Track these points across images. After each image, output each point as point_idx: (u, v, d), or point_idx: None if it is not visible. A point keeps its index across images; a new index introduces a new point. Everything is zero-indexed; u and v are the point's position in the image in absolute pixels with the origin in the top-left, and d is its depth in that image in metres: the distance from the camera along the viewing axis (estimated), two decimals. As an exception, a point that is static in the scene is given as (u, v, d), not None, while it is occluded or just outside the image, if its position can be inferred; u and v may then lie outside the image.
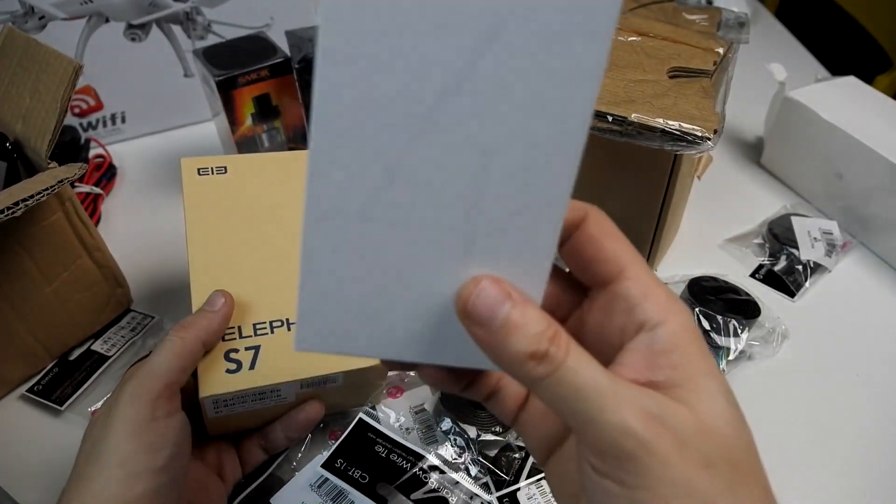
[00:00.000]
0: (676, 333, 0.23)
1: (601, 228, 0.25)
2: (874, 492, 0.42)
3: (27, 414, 0.47)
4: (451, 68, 0.22)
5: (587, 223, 0.25)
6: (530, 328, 0.22)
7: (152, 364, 0.35)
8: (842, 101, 0.61)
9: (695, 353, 0.23)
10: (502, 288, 0.23)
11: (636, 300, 0.24)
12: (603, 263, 0.25)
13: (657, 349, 0.23)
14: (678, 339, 0.23)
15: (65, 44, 0.68)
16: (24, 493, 0.42)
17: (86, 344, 0.51)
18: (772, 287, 0.56)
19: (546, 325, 0.22)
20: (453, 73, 0.22)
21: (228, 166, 0.47)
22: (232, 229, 0.44)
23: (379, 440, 0.42)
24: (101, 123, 0.74)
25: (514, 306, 0.22)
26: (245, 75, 0.59)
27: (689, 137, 0.42)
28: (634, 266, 0.24)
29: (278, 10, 0.74)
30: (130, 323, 0.53)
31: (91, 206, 0.65)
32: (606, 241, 0.25)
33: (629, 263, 0.24)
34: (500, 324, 0.22)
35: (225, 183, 0.46)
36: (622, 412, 0.21)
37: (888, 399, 0.48)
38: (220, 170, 0.47)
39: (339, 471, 0.40)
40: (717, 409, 0.22)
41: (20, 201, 0.38)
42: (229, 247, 0.43)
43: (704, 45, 0.48)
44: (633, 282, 0.24)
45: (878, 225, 0.58)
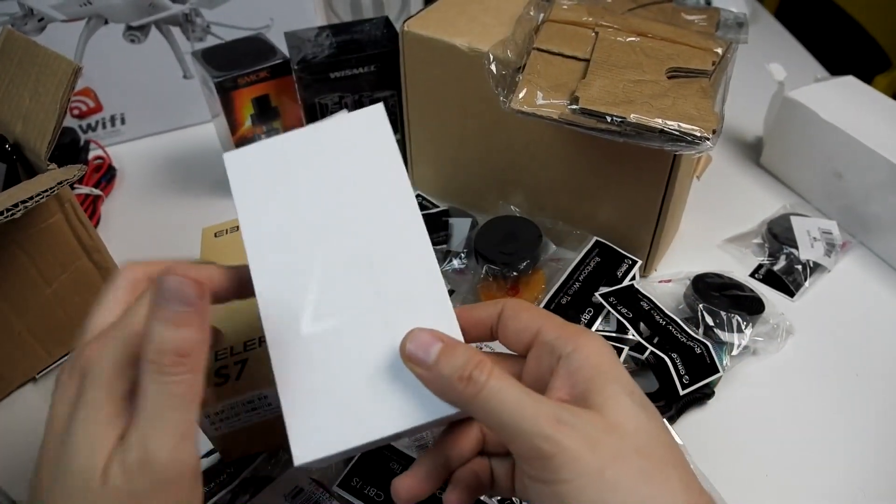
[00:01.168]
0: (586, 355, 0.28)
1: (514, 310, 0.31)
2: (874, 491, 0.42)
3: (27, 414, 0.47)
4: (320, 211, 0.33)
5: (504, 312, 0.31)
6: (457, 358, 0.27)
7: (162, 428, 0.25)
8: (841, 101, 0.61)
9: (605, 366, 0.28)
10: (432, 334, 0.29)
11: (552, 340, 0.29)
12: (524, 331, 0.31)
13: (573, 370, 0.28)
14: (588, 359, 0.28)
15: (64, 45, 0.68)
16: (25, 494, 0.42)
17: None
18: (771, 287, 0.56)
19: (470, 355, 0.27)
20: (322, 213, 0.33)
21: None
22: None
23: (394, 458, 0.42)
24: (100, 125, 0.74)
25: (445, 345, 0.28)
26: (244, 76, 0.59)
27: (688, 138, 0.42)
28: (547, 320, 0.30)
29: (277, 11, 0.74)
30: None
31: (90, 208, 0.65)
32: (521, 315, 0.31)
33: (543, 320, 0.30)
34: (433, 360, 0.28)
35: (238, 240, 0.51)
36: (537, 421, 0.25)
37: (888, 399, 0.48)
38: (234, 229, 0.51)
39: (355, 490, 0.40)
40: (623, 409, 0.27)
41: (20, 203, 0.38)
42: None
43: (703, 45, 0.48)
44: (548, 329, 0.30)
45: (878, 225, 0.58)
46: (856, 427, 0.46)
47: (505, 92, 0.47)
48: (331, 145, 0.34)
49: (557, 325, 0.30)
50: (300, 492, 0.40)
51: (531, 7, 0.53)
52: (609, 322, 0.50)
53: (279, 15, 0.74)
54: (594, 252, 0.53)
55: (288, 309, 0.31)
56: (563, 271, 0.52)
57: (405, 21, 0.54)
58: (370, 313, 0.31)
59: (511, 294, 0.52)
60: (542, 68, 0.47)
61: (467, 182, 0.61)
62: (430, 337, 0.28)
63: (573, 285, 0.51)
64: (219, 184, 0.69)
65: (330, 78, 0.59)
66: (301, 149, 0.34)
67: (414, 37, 0.54)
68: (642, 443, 0.26)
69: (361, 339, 0.31)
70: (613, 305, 0.49)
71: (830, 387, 0.49)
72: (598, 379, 0.27)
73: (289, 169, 0.34)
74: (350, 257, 0.32)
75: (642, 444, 0.26)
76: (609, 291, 0.50)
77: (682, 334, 0.48)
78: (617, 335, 0.49)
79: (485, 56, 0.48)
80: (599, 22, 0.50)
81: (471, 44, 0.51)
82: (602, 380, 0.27)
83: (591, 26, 0.50)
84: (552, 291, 0.51)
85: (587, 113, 0.44)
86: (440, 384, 0.28)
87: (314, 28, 0.63)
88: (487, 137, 0.56)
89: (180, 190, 0.69)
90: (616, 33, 0.49)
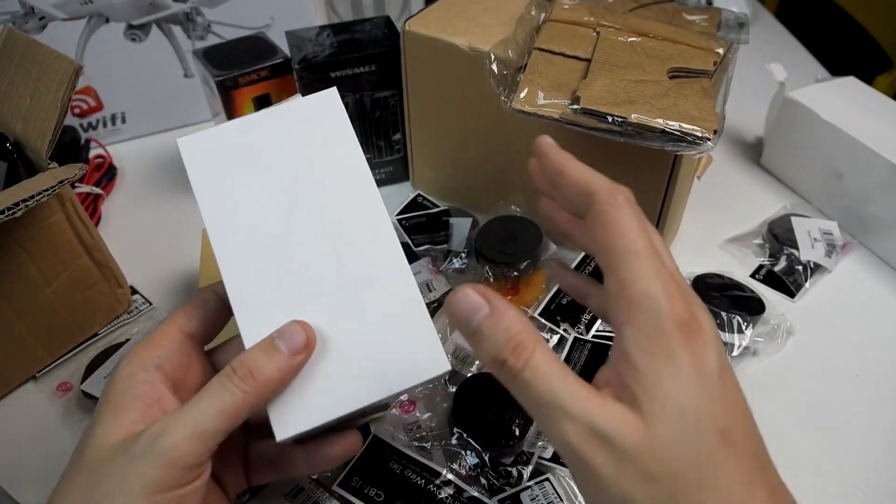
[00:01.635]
0: (640, 334, 0.24)
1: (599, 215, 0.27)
2: (874, 491, 0.42)
3: (27, 414, 0.47)
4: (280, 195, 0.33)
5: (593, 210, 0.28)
6: (496, 337, 0.25)
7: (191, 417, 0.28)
8: (842, 102, 0.61)
9: (659, 354, 0.23)
10: (482, 295, 0.26)
11: (612, 299, 0.25)
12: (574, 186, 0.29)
13: (624, 351, 0.24)
14: (641, 340, 0.24)
15: (65, 44, 0.68)
16: (24, 493, 0.42)
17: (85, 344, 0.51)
18: (772, 287, 0.56)
19: (511, 335, 0.25)
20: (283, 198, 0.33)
21: None
22: None
23: (394, 457, 0.42)
24: (101, 124, 0.74)
25: (489, 315, 0.25)
26: (245, 76, 0.59)
27: (689, 138, 0.42)
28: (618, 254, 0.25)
29: (278, 10, 0.74)
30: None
31: (91, 207, 0.65)
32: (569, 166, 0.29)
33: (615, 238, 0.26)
34: (474, 329, 0.26)
35: None
36: (565, 430, 0.23)
37: (888, 399, 0.48)
38: None
39: (355, 489, 0.40)
40: (669, 419, 0.23)
41: (20, 202, 0.38)
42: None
43: (704, 45, 0.48)
44: (613, 276, 0.25)
45: (878, 225, 0.58)
46: (856, 427, 0.46)
47: (506, 92, 0.47)
48: (287, 129, 0.34)
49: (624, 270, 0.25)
50: (300, 491, 0.40)
51: (532, 6, 0.53)
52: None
53: (280, 14, 0.74)
54: (595, 252, 0.53)
55: (258, 294, 0.32)
56: (564, 271, 0.52)
57: (406, 20, 0.54)
58: (336, 291, 0.32)
59: (511, 294, 0.52)
60: (544, 68, 0.47)
61: (468, 182, 0.61)
62: (476, 300, 0.26)
63: (574, 285, 0.51)
64: (219, 183, 0.69)
65: (330, 77, 0.59)
66: (257, 133, 0.34)
67: (415, 36, 0.54)
68: (681, 465, 0.22)
69: (332, 316, 0.32)
70: (614, 305, 0.49)
71: (831, 387, 0.49)
72: (648, 373, 0.23)
73: (246, 154, 0.34)
74: (314, 237, 0.33)
75: (681, 466, 0.22)
76: (609, 291, 0.50)
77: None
78: (617, 335, 0.49)
79: (486, 56, 0.48)
80: (601, 22, 0.50)
81: (472, 43, 0.51)
82: (654, 375, 0.23)
83: (593, 26, 0.50)
84: (552, 292, 0.51)
85: (588, 113, 0.44)
86: (478, 354, 0.26)
87: (315, 27, 0.63)
88: (488, 137, 0.56)
89: (181, 189, 0.69)
90: (617, 33, 0.49)
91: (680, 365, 0.23)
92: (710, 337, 0.24)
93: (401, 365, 0.31)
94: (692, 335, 0.24)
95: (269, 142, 0.34)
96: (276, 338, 0.30)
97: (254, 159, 0.34)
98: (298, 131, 0.35)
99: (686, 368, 0.23)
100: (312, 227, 0.33)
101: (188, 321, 0.33)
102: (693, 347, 0.24)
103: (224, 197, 0.33)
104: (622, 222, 0.26)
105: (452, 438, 0.42)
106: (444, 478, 0.40)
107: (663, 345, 0.23)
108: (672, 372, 0.23)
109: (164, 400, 0.30)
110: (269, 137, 0.34)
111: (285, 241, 0.33)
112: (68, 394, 0.48)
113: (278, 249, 0.33)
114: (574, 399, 0.23)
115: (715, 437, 0.23)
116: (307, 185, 0.34)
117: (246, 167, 0.34)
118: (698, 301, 0.25)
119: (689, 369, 0.23)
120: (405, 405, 0.45)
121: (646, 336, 0.24)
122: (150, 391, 0.30)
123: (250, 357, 0.30)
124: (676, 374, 0.23)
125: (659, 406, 0.23)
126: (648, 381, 0.23)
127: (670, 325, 0.24)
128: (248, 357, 0.30)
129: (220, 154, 0.34)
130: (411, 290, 0.32)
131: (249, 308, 0.32)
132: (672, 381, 0.23)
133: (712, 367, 0.24)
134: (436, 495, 0.40)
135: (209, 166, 0.34)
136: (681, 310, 0.24)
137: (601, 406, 0.23)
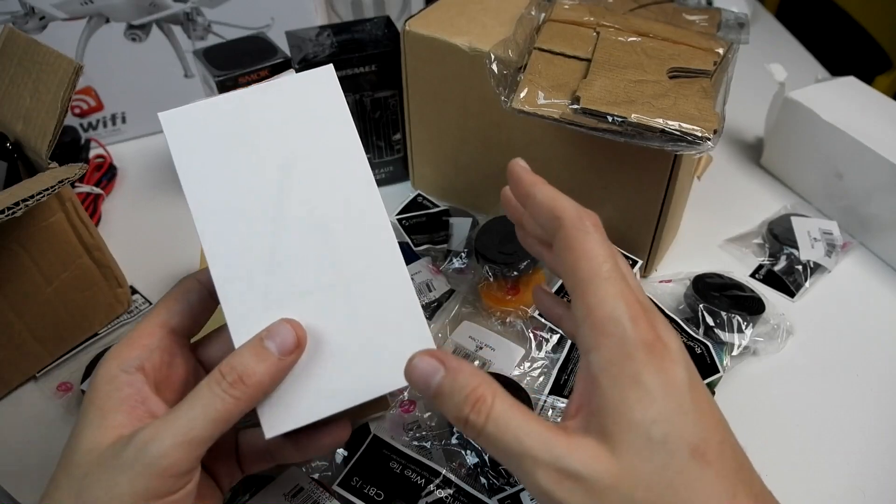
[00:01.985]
0: (606, 360, 0.24)
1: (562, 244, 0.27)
2: (874, 491, 0.42)
3: (27, 414, 0.47)
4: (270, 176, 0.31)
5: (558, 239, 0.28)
6: (455, 397, 0.25)
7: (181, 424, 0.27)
8: (842, 102, 0.61)
9: (625, 379, 0.23)
10: (435, 357, 0.26)
11: (579, 323, 0.25)
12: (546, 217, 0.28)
13: (592, 376, 0.24)
14: (607, 366, 0.24)
15: (65, 44, 0.68)
16: (24, 493, 0.42)
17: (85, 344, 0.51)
18: (772, 287, 0.56)
19: (468, 391, 0.25)
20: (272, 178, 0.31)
21: None
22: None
23: (394, 456, 0.42)
24: (101, 124, 0.74)
25: (445, 375, 0.26)
26: (245, 76, 0.59)
27: (689, 138, 0.42)
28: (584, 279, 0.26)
29: (278, 10, 0.74)
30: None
31: (91, 207, 0.65)
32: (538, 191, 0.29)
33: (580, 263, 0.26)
34: (434, 393, 0.26)
35: None
36: (537, 476, 0.23)
37: (888, 399, 0.48)
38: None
39: (355, 489, 0.40)
40: (639, 447, 0.23)
41: (20, 201, 0.38)
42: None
43: (704, 45, 0.48)
44: (579, 301, 0.26)
45: (878, 225, 0.58)
46: (856, 427, 0.46)
47: (506, 91, 0.47)
48: (279, 107, 0.32)
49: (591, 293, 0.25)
50: (300, 491, 0.40)
51: (532, 6, 0.53)
52: (609, 322, 0.50)
53: (280, 14, 0.74)
54: (595, 252, 0.53)
55: (245, 284, 0.30)
56: (564, 271, 0.52)
57: (406, 20, 0.54)
58: (328, 284, 0.30)
59: (511, 294, 0.52)
60: (544, 68, 0.47)
61: (468, 182, 0.61)
62: (429, 364, 0.26)
63: (574, 285, 0.51)
64: (219, 183, 0.69)
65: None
66: (246, 110, 0.32)
67: (415, 36, 0.54)
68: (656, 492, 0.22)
69: (321, 310, 0.30)
70: (614, 305, 0.49)
71: (831, 387, 0.49)
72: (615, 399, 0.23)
73: (234, 131, 0.32)
74: (304, 226, 0.31)
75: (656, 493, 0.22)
76: (609, 291, 0.50)
77: (683, 334, 0.48)
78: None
79: (486, 56, 0.48)
80: (601, 22, 0.50)
81: (472, 43, 0.51)
82: (621, 402, 0.23)
83: (593, 26, 0.50)
84: (552, 291, 0.51)
85: (588, 113, 0.44)
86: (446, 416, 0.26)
87: (315, 27, 0.63)
88: (488, 137, 0.56)
89: (181, 189, 0.69)
90: (617, 33, 0.49)
91: (647, 387, 0.23)
92: (676, 353, 0.25)
93: (391, 365, 0.30)
94: (657, 355, 0.24)
95: (260, 120, 0.32)
96: (265, 338, 0.29)
97: (242, 138, 0.31)
98: (291, 110, 0.32)
99: (653, 390, 0.23)
100: (303, 216, 0.31)
101: (170, 316, 0.32)
102: (659, 366, 0.24)
103: (209, 178, 0.31)
104: (587, 247, 0.26)
105: (452, 438, 0.43)
106: (443, 477, 0.40)
107: (629, 369, 0.24)
108: (639, 396, 0.23)
109: (148, 401, 0.30)
110: (259, 115, 0.32)
111: (274, 228, 0.31)
112: (68, 393, 0.48)
113: (267, 237, 0.31)
114: (540, 443, 0.24)
115: (686, 456, 0.23)
116: (299, 169, 0.31)
117: (233, 146, 0.31)
118: (663, 320, 0.26)
119: (656, 390, 0.23)
120: (405, 405, 0.45)
121: (611, 361, 0.24)
122: (134, 393, 0.29)
123: (240, 360, 0.29)
124: (643, 398, 0.23)
125: (628, 433, 0.23)
126: (616, 408, 0.23)
127: (635, 347, 0.24)
128: (238, 360, 0.29)
129: (205, 131, 0.32)
130: (406, 287, 0.31)
131: (237, 299, 0.30)
132: (639, 405, 0.23)
133: (680, 383, 0.24)
134: (436, 495, 0.40)
135: (194, 143, 0.31)
136: (644, 330, 0.24)
137: (569, 445, 0.23)
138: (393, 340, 0.31)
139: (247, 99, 0.32)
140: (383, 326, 0.31)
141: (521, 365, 0.48)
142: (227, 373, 0.28)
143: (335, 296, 0.30)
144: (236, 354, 0.29)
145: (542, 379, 0.47)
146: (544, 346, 0.49)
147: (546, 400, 0.45)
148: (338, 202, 0.31)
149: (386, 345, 0.31)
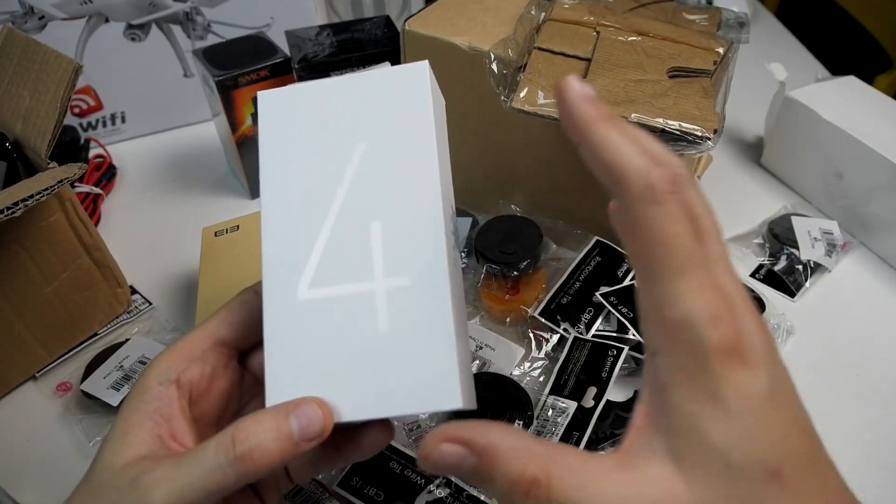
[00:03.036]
0: (678, 369, 0.21)
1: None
2: (875, 491, 0.42)
3: (27, 413, 0.47)
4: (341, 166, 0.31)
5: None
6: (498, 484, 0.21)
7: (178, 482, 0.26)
8: (842, 101, 0.61)
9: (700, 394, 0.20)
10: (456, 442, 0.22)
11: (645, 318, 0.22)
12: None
13: (660, 383, 0.21)
14: (679, 376, 0.21)
15: (64, 44, 0.68)
16: (24, 493, 0.42)
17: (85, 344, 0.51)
18: (772, 287, 0.56)
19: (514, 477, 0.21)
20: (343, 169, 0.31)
21: (240, 225, 0.54)
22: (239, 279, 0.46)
23: (393, 456, 0.42)
24: (100, 123, 0.74)
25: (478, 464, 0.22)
26: (245, 75, 0.59)
27: (689, 137, 0.42)
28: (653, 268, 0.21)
29: (278, 10, 0.74)
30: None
31: (91, 206, 0.65)
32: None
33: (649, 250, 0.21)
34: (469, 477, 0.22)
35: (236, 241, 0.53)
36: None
37: (888, 399, 0.48)
38: (234, 229, 0.53)
39: (355, 489, 0.40)
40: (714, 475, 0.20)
41: (20, 201, 0.38)
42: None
43: (704, 44, 0.48)
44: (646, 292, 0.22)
45: (879, 225, 0.58)
46: (856, 427, 0.46)
47: (506, 91, 0.47)
48: (364, 98, 0.32)
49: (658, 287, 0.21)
50: (300, 491, 0.40)
51: (532, 6, 0.52)
52: (609, 322, 0.50)
53: (280, 13, 0.74)
54: (595, 252, 0.53)
55: (289, 268, 0.30)
56: (564, 271, 0.52)
57: (406, 20, 0.54)
58: (367, 291, 0.29)
59: (511, 294, 0.52)
60: (544, 67, 0.47)
61: (467, 181, 0.61)
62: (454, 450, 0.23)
63: (574, 285, 0.51)
64: (220, 183, 0.69)
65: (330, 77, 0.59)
66: (335, 97, 0.32)
67: (415, 36, 0.53)
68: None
69: (353, 316, 0.29)
70: (614, 305, 0.49)
71: (830, 387, 0.49)
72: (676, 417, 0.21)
73: (317, 117, 0.32)
74: (360, 221, 0.30)
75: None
76: (610, 291, 0.50)
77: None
78: (617, 335, 0.49)
79: (486, 55, 0.48)
80: (601, 21, 0.50)
81: (471, 43, 0.51)
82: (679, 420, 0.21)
83: (593, 25, 0.50)
84: (552, 291, 0.51)
85: (588, 112, 0.44)
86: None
87: (315, 27, 0.63)
88: (488, 137, 0.56)
89: (181, 189, 0.69)
90: (617, 32, 0.49)
91: (725, 404, 0.20)
92: (760, 356, 0.20)
93: (408, 388, 0.28)
94: (738, 361, 0.20)
95: (344, 108, 0.31)
96: (291, 412, 0.27)
97: (323, 124, 0.31)
98: (376, 102, 0.31)
99: (732, 406, 0.20)
100: (365, 207, 0.30)
101: (220, 328, 0.31)
102: (739, 377, 0.20)
103: (284, 160, 0.31)
104: (658, 229, 0.21)
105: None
106: (443, 478, 0.40)
107: (704, 383, 0.20)
108: (717, 415, 0.20)
109: (173, 420, 0.29)
110: (344, 103, 0.32)
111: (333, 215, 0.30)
112: (68, 393, 0.48)
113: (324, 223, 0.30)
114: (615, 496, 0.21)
115: (762, 481, 0.20)
116: (368, 165, 0.31)
117: (313, 132, 0.31)
118: (749, 311, 0.21)
119: (735, 406, 0.20)
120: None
121: (683, 369, 0.20)
122: (161, 407, 0.29)
123: (256, 431, 0.26)
124: (722, 417, 0.20)
125: (704, 457, 0.20)
126: (691, 429, 0.20)
127: (713, 355, 0.20)
128: (254, 433, 0.26)
129: (293, 113, 0.32)
130: (444, 309, 0.28)
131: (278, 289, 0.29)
132: (715, 424, 0.20)
133: (759, 393, 0.20)
134: (436, 495, 0.40)
135: (280, 124, 0.32)
136: (725, 333, 0.20)
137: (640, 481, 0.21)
138: (414, 366, 0.28)
139: (338, 86, 0.32)
140: (408, 346, 0.29)
141: (521, 365, 0.48)
142: (239, 441, 0.26)
143: (371, 301, 0.29)
144: (256, 421, 0.27)
145: (542, 379, 0.47)
146: (544, 346, 0.49)
147: (546, 400, 0.45)
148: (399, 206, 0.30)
149: (406, 368, 0.28)
